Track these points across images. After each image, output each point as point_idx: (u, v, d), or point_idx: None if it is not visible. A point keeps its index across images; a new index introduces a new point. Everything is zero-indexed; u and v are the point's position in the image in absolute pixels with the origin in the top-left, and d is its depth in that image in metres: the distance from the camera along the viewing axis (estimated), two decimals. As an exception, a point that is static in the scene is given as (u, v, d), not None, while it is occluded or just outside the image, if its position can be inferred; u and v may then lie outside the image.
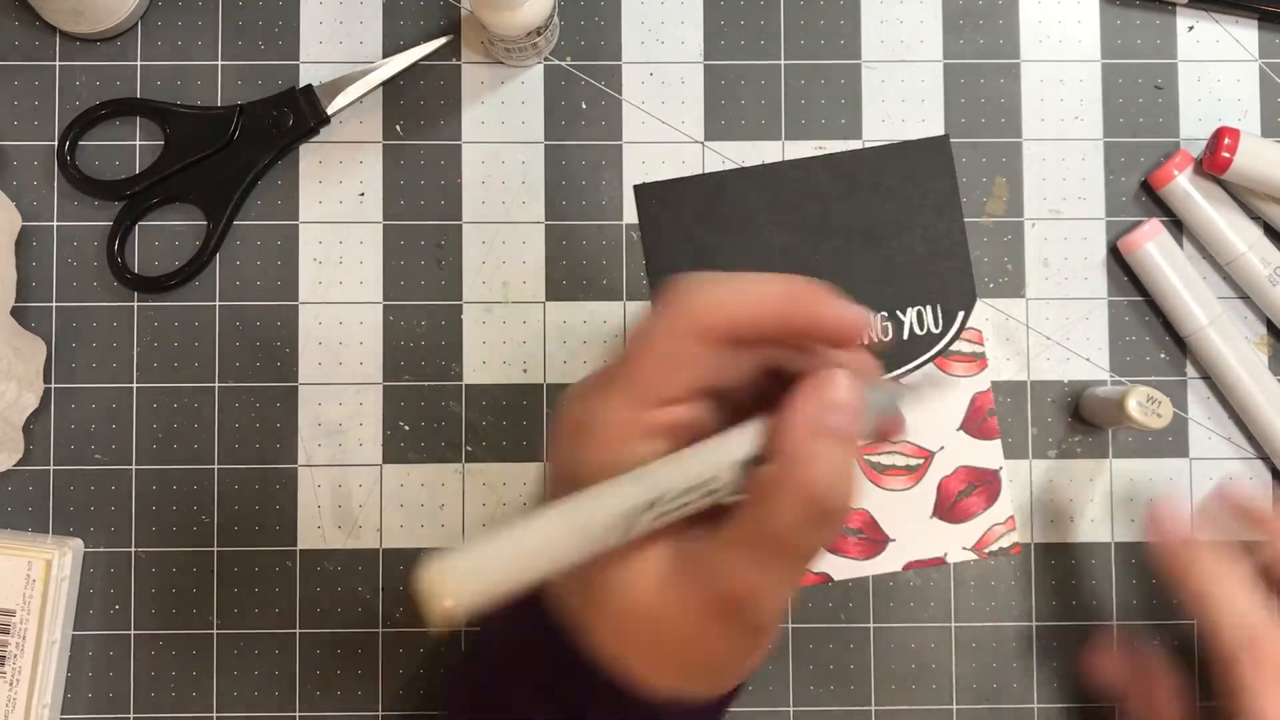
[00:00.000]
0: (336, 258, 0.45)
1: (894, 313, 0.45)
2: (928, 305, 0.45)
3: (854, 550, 0.45)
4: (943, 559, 0.45)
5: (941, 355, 0.45)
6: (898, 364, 0.45)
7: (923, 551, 0.45)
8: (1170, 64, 0.46)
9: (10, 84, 0.45)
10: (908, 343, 0.45)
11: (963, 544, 0.45)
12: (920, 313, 0.45)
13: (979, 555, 0.44)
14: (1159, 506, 0.40)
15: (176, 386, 0.45)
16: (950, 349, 0.45)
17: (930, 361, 0.45)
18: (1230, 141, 0.43)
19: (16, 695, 0.42)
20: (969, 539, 0.45)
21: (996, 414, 0.45)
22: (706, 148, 0.46)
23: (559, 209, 0.45)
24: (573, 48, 0.46)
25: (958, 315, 0.45)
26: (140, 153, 0.45)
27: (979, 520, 0.45)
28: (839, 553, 0.44)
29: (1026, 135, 0.46)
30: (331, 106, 0.44)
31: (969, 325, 0.45)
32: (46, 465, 0.44)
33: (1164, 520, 0.39)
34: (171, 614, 0.44)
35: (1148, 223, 0.44)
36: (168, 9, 0.46)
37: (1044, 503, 0.45)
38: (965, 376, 0.45)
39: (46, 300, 0.45)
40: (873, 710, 0.44)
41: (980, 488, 0.45)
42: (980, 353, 0.45)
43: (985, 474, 0.45)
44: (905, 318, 0.45)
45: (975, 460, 0.45)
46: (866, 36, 0.46)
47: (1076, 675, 0.44)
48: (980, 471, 0.45)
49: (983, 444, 0.45)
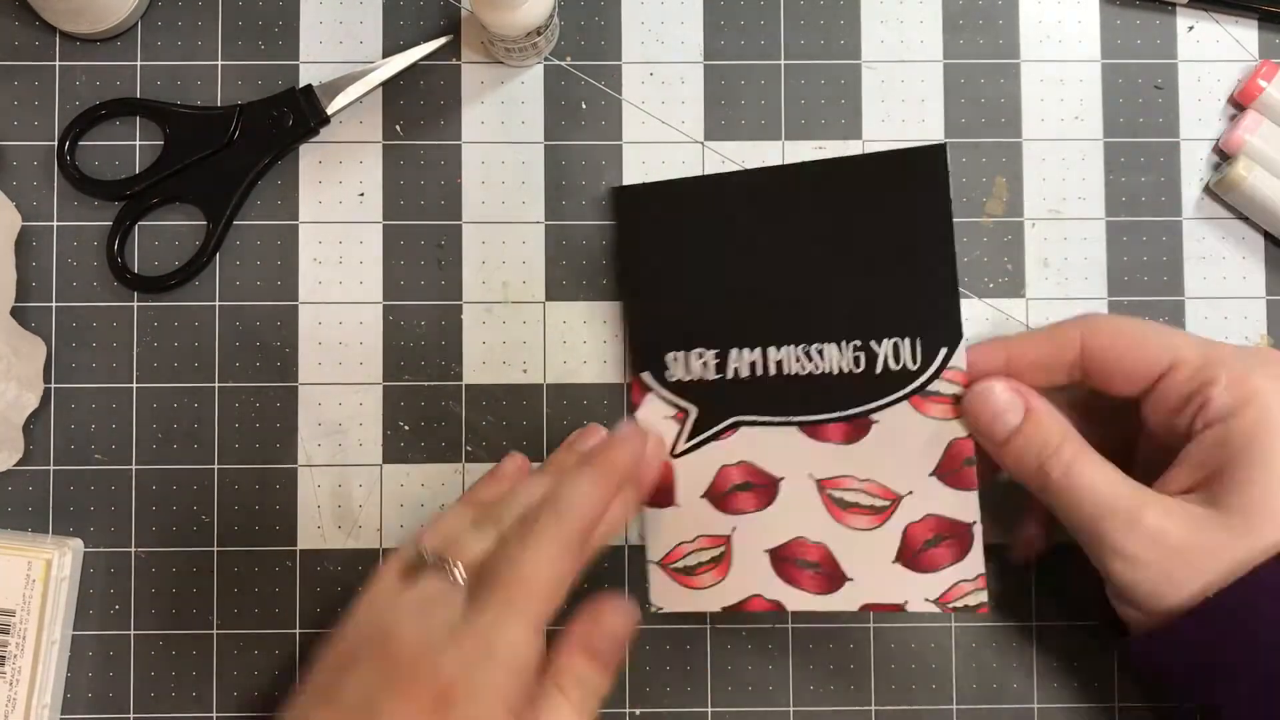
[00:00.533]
0: (336, 258, 0.45)
1: (867, 343, 0.41)
2: (905, 338, 0.40)
3: (809, 584, 0.41)
4: (902, 606, 0.41)
5: (918, 394, 0.40)
6: (869, 398, 0.41)
7: (882, 595, 0.41)
8: (1170, 64, 0.46)
9: (10, 84, 0.45)
10: (879, 378, 0.41)
11: (926, 594, 0.41)
12: (897, 345, 0.41)
13: (942, 609, 0.41)
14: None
15: (176, 386, 0.45)
16: (928, 389, 0.40)
17: (904, 400, 0.41)
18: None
19: (16, 695, 0.42)
20: (933, 590, 0.41)
21: (975, 464, 0.40)
22: (706, 147, 0.46)
23: (559, 209, 0.45)
24: (573, 48, 0.46)
25: (939, 352, 0.40)
26: (140, 153, 0.45)
27: (946, 573, 0.40)
28: (794, 584, 0.42)
29: (1026, 135, 0.46)
30: (331, 107, 0.44)
31: (951, 364, 0.40)
32: (46, 465, 0.44)
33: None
34: (171, 614, 0.44)
35: (1246, 115, 0.44)
36: (168, 9, 0.46)
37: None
38: (944, 420, 0.40)
39: (46, 300, 0.45)
40: (873, 710, 0.44)
41: (950, 540, 0.40)
42: (962, 395, 0.40)
43: (957, 526, 0.40)
44: (880, 349, 0.41)
45: (947, 510, 0.40)
46: (866, 36, 0.46)
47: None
48: (952, 523, 0.40)
49: (957, 494, 0.40)
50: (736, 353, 0.42)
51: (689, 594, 0.43)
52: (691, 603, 0.43)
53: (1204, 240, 0.46)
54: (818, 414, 0.42)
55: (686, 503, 0.43)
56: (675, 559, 0.43)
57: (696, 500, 0.43)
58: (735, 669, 0.44)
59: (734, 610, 0.42)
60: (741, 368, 0.42)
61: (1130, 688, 0.44)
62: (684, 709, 0.44)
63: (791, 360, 0.42)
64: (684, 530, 0.43)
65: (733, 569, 0.42)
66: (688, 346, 0.43)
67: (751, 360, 0.42)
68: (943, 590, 0.41)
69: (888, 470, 0.41)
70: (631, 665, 0.44)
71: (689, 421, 0.43)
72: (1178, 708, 0.38)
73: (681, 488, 0.43)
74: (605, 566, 0.44)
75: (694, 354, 0.43)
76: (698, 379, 0.43)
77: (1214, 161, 0.46)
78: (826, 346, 0.42)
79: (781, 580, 0.42)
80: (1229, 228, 0.46)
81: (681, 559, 0.43)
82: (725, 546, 0.42)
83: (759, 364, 0.42)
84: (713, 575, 0.43)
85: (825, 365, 0.42)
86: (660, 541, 0.43)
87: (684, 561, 0.43)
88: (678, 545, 0.43)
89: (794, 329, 0.42)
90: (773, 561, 0.42)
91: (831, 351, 0.41)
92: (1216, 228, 0.46)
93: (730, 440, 0.43)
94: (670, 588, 0.43)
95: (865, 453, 0.41)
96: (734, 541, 0.42)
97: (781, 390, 0.42)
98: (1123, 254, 0.46)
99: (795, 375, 0.42)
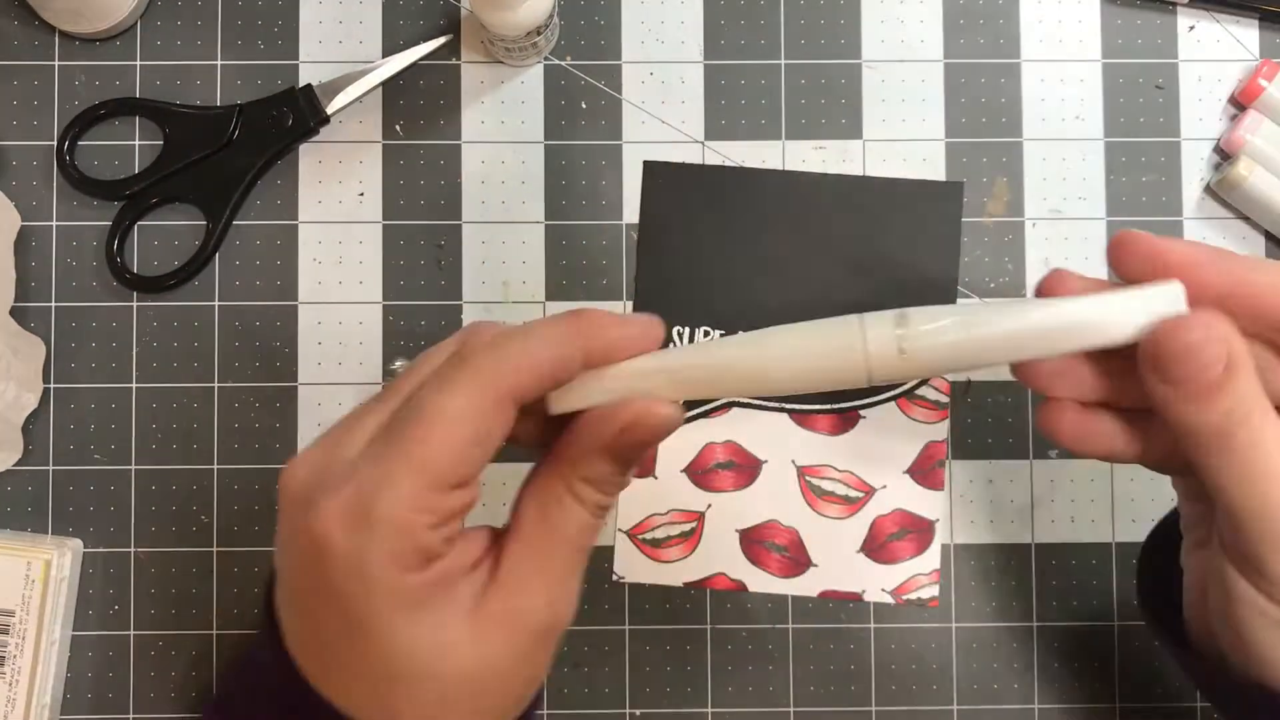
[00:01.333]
0: (336, 258, 0.45)
1: None
2: None
3: (774, 567, 0.44)
4: (860, 595, 0.44)
5: (905, 397, 0.45)
6: (861, 395, 0.45)
7: (841, 584, 0.44)
8: (1170, 64, 0.46)
9: (10, 84, 0.45)
10: None
11: (883, 585, 0.44)
12: None
13: (896, 600, 0.44)
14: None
15: (176, 386, 0.45)
16: (915, 392, 0.45)
17: (893, 401, 0.45)
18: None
19: (16, 695, 0.42)
20: (890, 582, 0.44)
21: (945, 467, 0.44)
22: (706, 147, 0.46)
23: (559, 209, 0.45)
24: (573, 48, 0.46)
25: None
26: (140, 153, 0.45)
27: (903, 565, 0.44)
28: (759, 565, 0.44)
29: (1026, 135, 0.46)
30: (331, 106, 0.44)
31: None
32: (46, 465, 0.44)
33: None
34: (171, 614, 0.44)
35: (1247, 115, 0.44)
36: (168, 9, 0.46)
37: (1044, 503, 0.45)
38: (924, 423, 0.44)
39: (46, 300, 0.45)
40: (873, 710, 0.44)
41: (913, 534, 0.44)
42: (944, 403, 0.45)
43: (921, 522, 0.44)
44: None
45: (914, 506, 0.44)
46: (866, 36, 0.46)
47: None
48: (916, 519, 0.44)
49: (926, 492, 0.44)
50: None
51: (653, 566, 0.44)
52: (655, 575, 0.44)
53: (1204, 240, 0.46)
54: (810, 404, 0.45)
55: (665, 475, 0.44)
56: (644, 530, 0.44)
57: (676, 474, 0.44)
58: (735, 669, 0.44)
59: (695, 586, 0.44)
60: None
61: (1130, 688, 0.44)
62: (684, 709, 0.44)
63: None
64: (657, 502, 0.44)
65: (701, 545, 0.44)
66: (695, 323, 0.45)
67: None
68: (899, 582, 0.44)
69: (866, 463, 0.44)
70: (631, 665, 0.44)
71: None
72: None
73: (662, 460, 0.44)
74: (605, 566, 0.44)
75: (700, 331, 0.45)
76: None
77: (1214, 161, 0.46)
78: None
79: (748, 560, 0.44)
80: (1229, 228, 0.46)
81: (650, 530, 0.44)
82: (698, 523, 0.44)
83: None
84: (680, 550, 0.44)
85: None
86: (631, 510, 0.44)
87: (653, 534, 0.44)
88: (649, 516, 0.44)
89: (800, 321, 0.43)
90: (742, 541, 0.44)
91: None
92: (1217, 228, 0.46)
93: (722, 419, 0.45)
94: (635, 558, 0.44)
95: (848, 445, 0.44)
96: (707, 518, 0.44)
97: None
98: (1123, 254, 0.46)
99: None
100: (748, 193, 0.45)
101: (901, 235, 0.45)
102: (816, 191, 0.45)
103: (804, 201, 0.45)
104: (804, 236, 0.45)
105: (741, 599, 0.44)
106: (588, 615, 0.44)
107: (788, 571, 0.44)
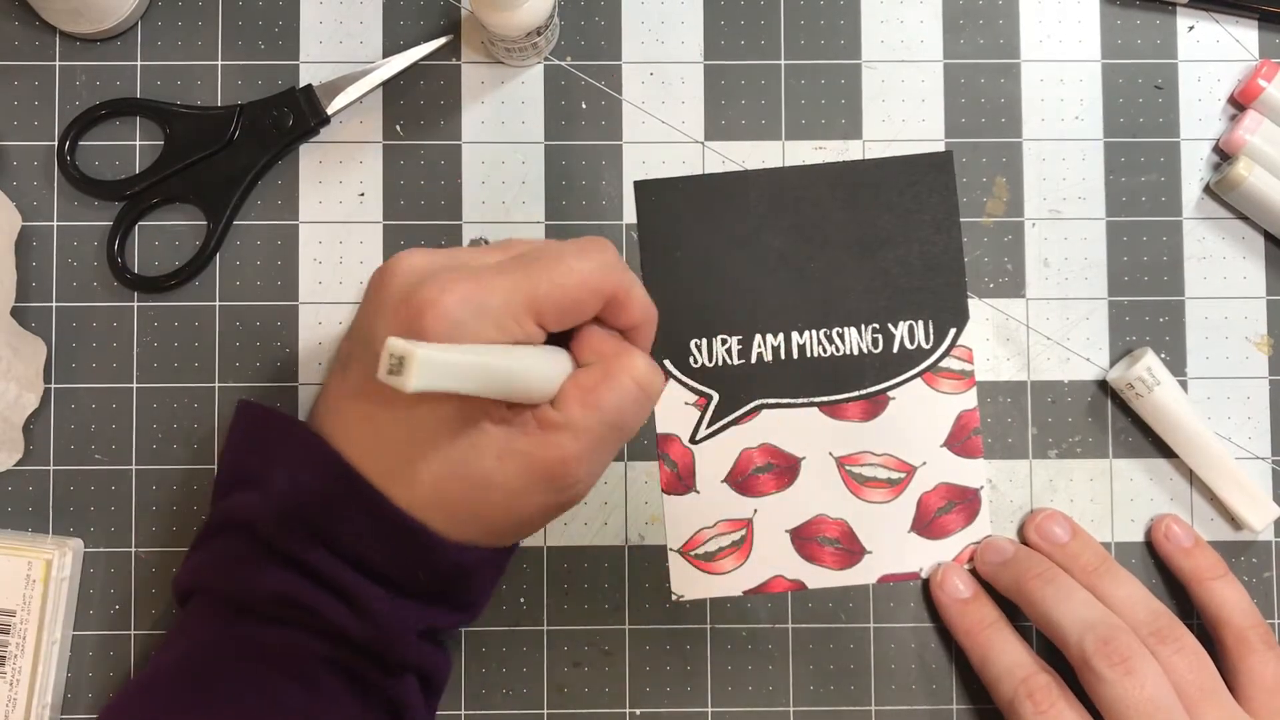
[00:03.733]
0: (336, 258, 0.45)
1: (885, 325, 0.45)
2: (919, 320, 0.45)
3: (830, 560, 0.44)
4: (918, 574, 0.45)
5: (930, 371, 0.45)
6: (886, 377, 0.45)
7: (898, 566, 0.45)
8: (1170, 64, 0.46)
9: (10, 84, 0.45)
10: (897, 356, 0.45)
11: (938, 560, 0.45)
12: (911, 327, 0.45)
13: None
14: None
15: (176, 386, 0.45)
16: (939, 365, 0.45)
17: (919, 376, 0.45)
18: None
19: (16, 695, 0.42)
20: (945, 555, 0.45)
21: (981, 433, 0.45)
22: (706, 147, 0.46)
23: (559, 209, 0.45)
24: (573, 48, 0.46)
25: (949, 331, 0.45)
26: (140, 153, 0.45)
27: (956, 537, 0.45)
28: (815, 561, 0.44)
29: (1026, 135, 0.46)
30: (331, 106, 0.44)
31: (960, 343, 0.45)
32: (46, 465, 0.44)
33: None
34: (171, 615, 0.44)
35: (1246, 115, 0.45)
36: (168, 9, 0.46)
37: (1044, 503, 0.45)
38: (952, 394, 0.45)
39: (46, 300, 0.45)
40: (873, 710, 0.44)
41: (960, 505, 0.45)
42: (969, 371, 0.45)
43: (966, 492, 0.45)
44: (896, 331, 0.45)
45: (957, 478, 0.45)
46: (866, 36, 0.46)
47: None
48: (961, 489, 0.45)
49: (966, 462, 0.45)
50: (760, 338, 0.45)
51: (710, 579, 0.44)
52: (712, 589, 0.44)
53: (1204, 240, 0.46)
54: (838, 394, 0.45)
55: (706, 488, 0.44)
56: (695, 545, 0.44)
57: (717, 485, 0.44)
58: (735, 669, 0.45)
59: (754, 593, 0.44)
60: (765, 352, 0.45)
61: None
62: (684, 709, 0.44)
63: (814, 343, 0.44)
64: (704, 516, 0.44)
65: (754, 551, 0.44)
66: (711, 333, 0.44)
67: (775, 344, 0.45)
68: (953, 555, 0.45)
69: (903, 444, 0.45)
70: (631, 665, 0.44)
71: (710, 407, 0.45)
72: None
73: (701, 474, 0.44)
74: (605, 566, 0.44)
75: (717, 340, 0.45)
76: (721, 364, 0.45)
77: (1214, 161, 0.46)
78: (847, 330, 0.45)
79: (802, 559, 0.44)
80: (1229, 228, 0.46)
81: (701, 545, 0.44)
82: (747, 529, 0.44)
83: (782, 348, 0.45)
84: (733, 560, 0.44)
85: (846, 347, 0.45)
86: (680, 529, 0.44)
87: (704, 548, 0.44)
88: (698, 532, 0.44)
89: (816, 314, 0.45)
90: (794, 540, 0.44)
91: (852, 334, 0.45)
92: (1216, 228, 0.46)
93: (752, 423, 0.45)
94: (691, 575, 0.44)
95: (882, 428, 0.45)
96: (755, 524, 0.44)
97: (803, 372, 0.45)
98: (1123, 254, 0.46)
99: (817, 357, 0.45)
100: (741, 195, 0.45)
101: (899, 213, 0.45)
102: (809, 183, 0.45)
103: (798, 195, 0.45)
104: (803, 230, 0.45)
105: (741, 599, 0.44)
106: (588, 615, 0.45)
107: (843, 563, 0.44)
